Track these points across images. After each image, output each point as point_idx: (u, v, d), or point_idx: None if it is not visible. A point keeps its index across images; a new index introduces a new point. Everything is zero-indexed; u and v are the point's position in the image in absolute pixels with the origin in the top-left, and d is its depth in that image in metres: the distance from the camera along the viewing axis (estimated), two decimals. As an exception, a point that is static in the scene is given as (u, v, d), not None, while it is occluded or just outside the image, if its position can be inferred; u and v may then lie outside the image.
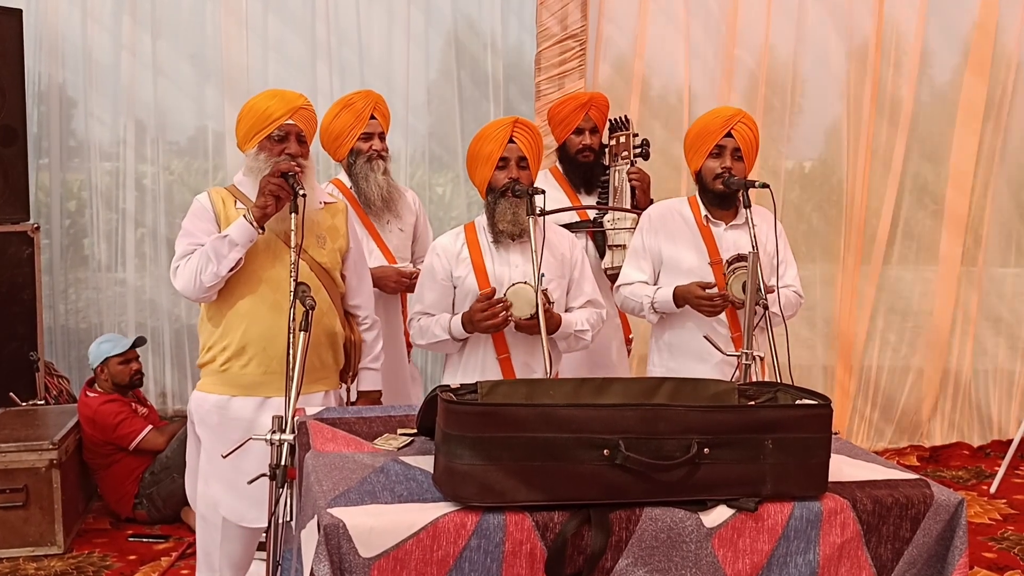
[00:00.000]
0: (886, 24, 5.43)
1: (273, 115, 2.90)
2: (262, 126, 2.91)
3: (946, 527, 2.01)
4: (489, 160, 3.12)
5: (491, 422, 1.79)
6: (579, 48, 5.06)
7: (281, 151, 2.89)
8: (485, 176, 3.15)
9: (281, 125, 2.90)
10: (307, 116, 2.97)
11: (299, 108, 2.94)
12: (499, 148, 3.11)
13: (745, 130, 3.30)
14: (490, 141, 3.13)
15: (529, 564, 1.82)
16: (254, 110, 2.93)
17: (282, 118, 2.90)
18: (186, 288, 2.88)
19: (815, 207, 5.62)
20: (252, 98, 3.00)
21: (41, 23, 5.07)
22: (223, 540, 3.00)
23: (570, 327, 3.17)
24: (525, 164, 3.15)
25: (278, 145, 2.90)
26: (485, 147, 3.14)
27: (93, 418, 4.31)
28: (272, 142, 2.91)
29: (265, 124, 2.90)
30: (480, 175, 3.18)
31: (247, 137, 2.94)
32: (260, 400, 2.93)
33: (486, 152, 3.13)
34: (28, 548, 3.98)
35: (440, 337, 3.14)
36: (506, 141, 3.12)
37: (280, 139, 2.91)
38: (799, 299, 3.45)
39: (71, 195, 5.33)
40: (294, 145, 2.91)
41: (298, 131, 2.93)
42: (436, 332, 3.15)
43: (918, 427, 5.69)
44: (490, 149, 3.12)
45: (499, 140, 3.12)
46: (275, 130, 2.90)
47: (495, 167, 3.12)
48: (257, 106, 2.93)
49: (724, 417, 1.88)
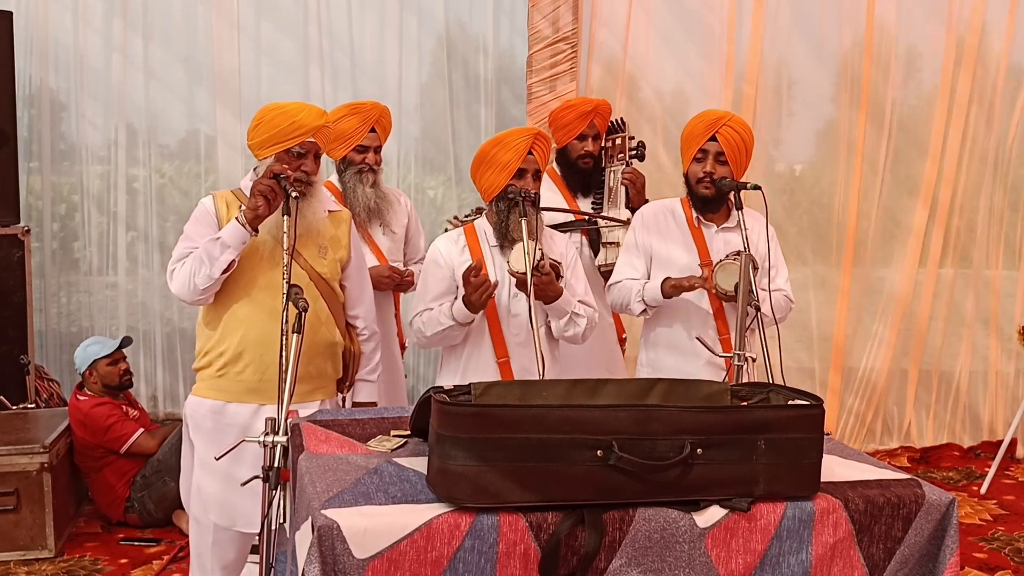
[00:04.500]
0: (876, 27, 5.45)
1: (298, 131, 2.85)
2: (284, 138, 2.85)
3: (938, 526, 2.03)
4: (506, 168, 3.12)
5: (485, 423, 1.79)
6: (571, 51, 5.07)
7: (298, 167, 2.86)
8: (497, 183, 3.14)
9: (303, 142, 2.87)
10: (327, 134, 2.96)
11: (323, 127, 2.91)
12: (518, 159, 3.11)
13: (731, 133, 3.29)
14: (510, 150, 3.12)
15: (523, 565, 1.82)
16: (277, 122, 2.86)
17: (306, 135, 2.86)
18: (181, 291, 2.87)
19: (805, 210, 5.64)
20: (274, 106, 2.93)
21: (32, 26, 5.06)
22: (215, 543, 2.99)
23: (569, 305, 3.17)
24: (539, 176, 3.18)
25: (296, 160, 2.87)
26: (503, 155, 3.12)
27: (84, 421, 4.30)
28: (291, 156, 2.87)
29: (287, 138, 2.85)
30: (490, 180, 3.16)
31: (265, 145, 2.88)
32: (256, 406, 2.92)
33: (504, 160, 3.12)
34: (19, 552, 3.97)
35: (445, 324, 3.12)
36: (525, 154, 3.12)
37: (299, 155, 2.88)
38: (789, 303, 3.46)
39: (62, 198, 5.32)
40: (311, 163, 2.89)
41: (317, 150, 2.92)
42: (441, 320, 3.13)
43: (909, 428, 5.71)
44: (509, 158, 3.11)
45: (519, 151, 3.11)
46: (296, 146, 2.87)
47: (512, 176, 3.12)
48: (282, 118, 2.86)
49: (717, 418, 1.89)
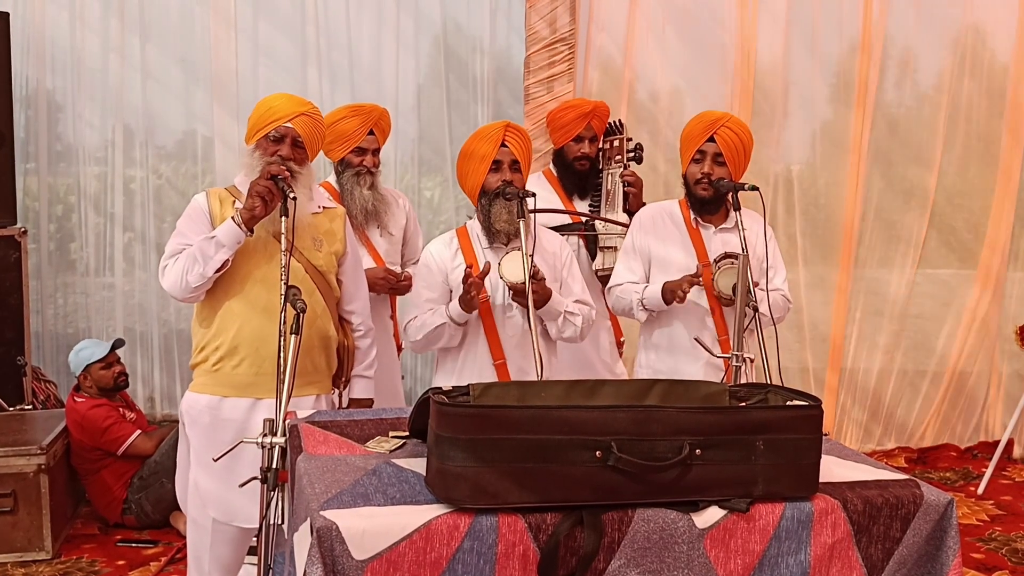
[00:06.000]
0: (874, 28, 5.46)
1: (274, 115, 2.91)
2: (263, 124, 2.93)
3: (936, 527, 2.03)
4: (482, 163, 3.13)
5: (484, 424, 1.79)
6: (568, 52, 5.06)
7: (274, 152, 2.90)
8: (477, 180, 3.16)
9: (279, 127, 2.91)
10: (308, 123, 2.95)
11: (300, 113, 2.93)
12: (492, 152, 3.12)
13: (729, 134, 3.30)
14: (482, 145, 3.14)
15: (522, 565, 1.82)
16: (260, 108, 2.97)
17: (281, 120, 2.91)
18: (173, 288, 2.89)
19: (803, 210, 5.64)
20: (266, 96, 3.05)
21: (28, 26, 5.05)
22: (212, 542, 2.99)
23: (560, 305, 3.18)
24: (517, 167, 3.17)
25: (272, 145, 2.91)
26: (477, 151, 3.15)
27: (81, 423, 4.29)
28: (268, 141, 2.92)
29: (266, 123, 2.92)
30: (472, 179, 3.18)
31: (251, 132, 2.97)
32: (252, 401, 2.92)
33: (479, 156, 3.14)
34: (16, 554, 3.96)
35: (437, 322, 3.13)
36: (498, 145, 3.13)
37: (276, 140, 2.91)
38: (787, 303, 3.46)
39: (58, 199, 5.31)
40: (287, 148, 2.91)
41: (295, 135, 2.92)
42: (434, 320, 3.14)
43: (906, 429, 5.71)
44: (483, 153, 3.13)
45: (491, 144, 3.13)
46: (273, 130, 2.91)
47: (488, 170, 3.13)
48: (263, 104, 2.97)
49: (715, 418, 1.89)
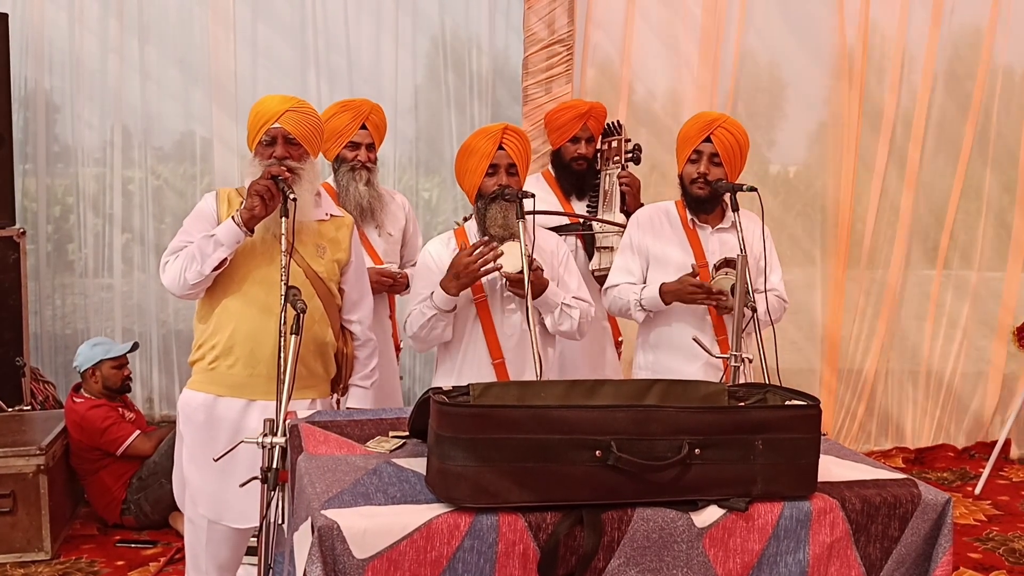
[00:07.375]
0: (871, 29, 5.47)
1: (262, 119, 2.91)
2: (255, 129, 2.93)
3: (934, 526, 2.03)
4: (479, 166, 3.13)
5: (484, 424, 1.80)
6: (566, 53, 5.08)
7: (270, 155, 2.90)
8: (474, 182, 3.16)
9: (269, 129, 2.91)
10: (296, 118, 2.92)
11: (285, 111, 2.91)
12: (489, 155, 3.12)
13: (726, 135, 3.31)
14: (479, 148, 3.14)
15: (522, 564, 1.83)
16: (251, 113, 2.97)
17: (269, 121, 2.90)
18: (171, 284, 2.90)
19: (800, 211, 5.65)
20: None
21: (27, 27, 5.05)
22: (208, 542, 2.99)
23: (557, 296, 3.17)
24: (514, 171, 3.16)
25: (267, 149, 2.92)
26: (475, 153, 3.14)
27: (80, 423, 4.29)
28: (263, 147, 2.93)
29: (257, 128, 2.93)
30: (469, 181, 3.18)
31: (250, 142, 2.98)
32: (246, 402, 2.93)
33: (476, 158, 3.14)
34: (15, 554, 3.96)
35: (428, 314, 3.12)
36: (495, 148, 3.12)
37: (268, 143, 2.92)
38: (783, 303, 3.47)
39: (57, 200, 5.31)
40: (280, 148, 2.91)
41: (284, 133, 2.91)
42: (425, 311, 3.13)
43: (904, 429, 5.72)
44: (480, 156, 3.13)
45: (489, 146, 3.12)
46: (264, 135, 2.91)
47: (484, 173, 3.13)
48: (253, 109, 2.97)
49: (715, 418, 1.90)
